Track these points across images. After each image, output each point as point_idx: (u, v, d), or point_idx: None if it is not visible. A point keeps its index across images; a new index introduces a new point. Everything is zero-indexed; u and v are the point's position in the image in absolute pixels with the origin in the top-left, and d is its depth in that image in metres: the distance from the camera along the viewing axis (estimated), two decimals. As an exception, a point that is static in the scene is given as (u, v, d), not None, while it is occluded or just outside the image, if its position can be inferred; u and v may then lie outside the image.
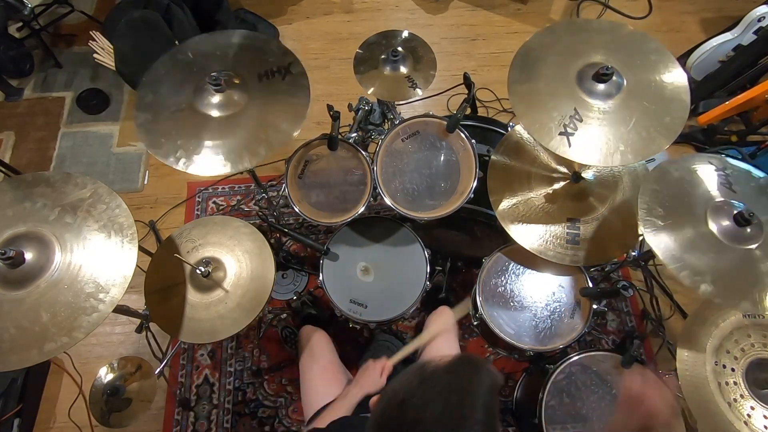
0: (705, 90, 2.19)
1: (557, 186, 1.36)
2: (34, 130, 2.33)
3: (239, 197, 2.15)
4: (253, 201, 2.12)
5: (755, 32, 2.01)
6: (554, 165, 1.39)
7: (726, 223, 1.07)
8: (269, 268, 1.29)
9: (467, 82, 1.53)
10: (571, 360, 1.30)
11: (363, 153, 1.43)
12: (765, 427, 1.12)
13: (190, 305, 1.26)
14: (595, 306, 1.34)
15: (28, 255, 1.00)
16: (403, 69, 1.47)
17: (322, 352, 1.35)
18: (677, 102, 1.12)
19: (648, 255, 1.35)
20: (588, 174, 1.36)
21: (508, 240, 1.34)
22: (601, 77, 1.11)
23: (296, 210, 1.39)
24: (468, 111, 1.65)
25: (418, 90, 1.45)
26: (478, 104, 2.29)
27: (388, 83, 1.46)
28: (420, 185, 1.43)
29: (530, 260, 1.41)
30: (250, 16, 2.50)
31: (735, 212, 1.06)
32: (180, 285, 1.28)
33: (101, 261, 1.02)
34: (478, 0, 2.70)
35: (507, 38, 2.58)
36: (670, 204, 1.10)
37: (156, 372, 1.50)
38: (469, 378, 0.73)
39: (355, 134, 1.65)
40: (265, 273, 1.29)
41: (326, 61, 2.51)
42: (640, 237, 1.28)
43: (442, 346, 1.34)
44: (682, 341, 1.22)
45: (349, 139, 1.47)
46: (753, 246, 1.06)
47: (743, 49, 2.05)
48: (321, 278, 1.45)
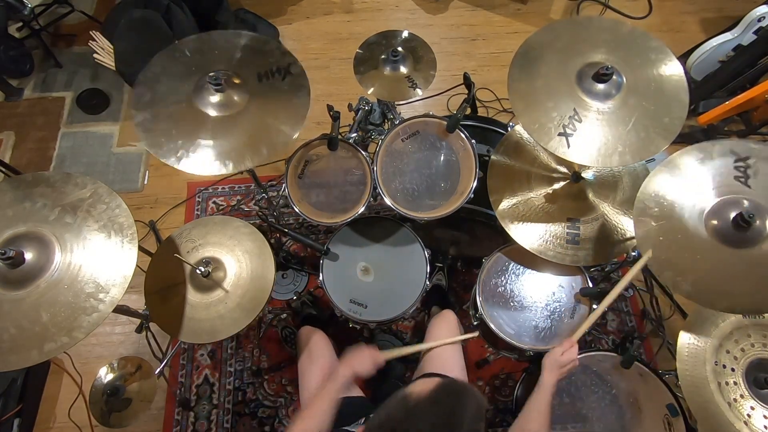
0: (705, 90, 2.19)
1: (557, 186, 1.36)
2: (34, 130, 2.33)
3: (239, 197, 2.15)
4: (253, 201, 2.12)
5: (755, 32, 2.01)
6: (554, 165, 1.39)
7: (725, 224, 1.04)
8: (269, 268, 1.29)
9: (467, 82, 1.53)
10: (571, 360, 1.30)
11: (363, 153, 1.43)
12: (765, 427, 1.12)
13: (190, 305, 1.26)
14: (595, 306, 1.34)
15: (28, 255, 1.00)
16: (403, 69, 1.47)
17: (321, 353, 1.35)
18: (676, 102, 1.11)
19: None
20: (588, 174, 1.36)
21: (508, 240, 1.34)
22: (601, 77, 1.11)
23: (296, 210, 1.39)
24: (468, 111, 1.65)
25: (418, 90, 1.45)
26: (478, 104, 2.29)
27: (388, 83, 1.47)
28: (420, 185, 1.43)
29: (530, 260, 1.41)
30: (250, 16, 2.50)
31: (734, 214, 1.02)
32: (180, 285, 1.28)
33: (101, 261, 1.02)
34: (478, 0, 2.70)
35: (507, 38, 2.58)
36: (668, 203, 1.08)
37: (156, 372, 1.50)
38: (453, 407, 0.75)
39: (355, 134, 1.65)
40: (265, 273, 1.29)
41: (326, 61, 2.51)
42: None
43: (445, 351, 1.33)
44: (682, 341, 1.22)
45: (349, 139, 1.47)
46: (750, 248, 1.03)
47: (743, 49, 2.05)
48: (321, 278, 1.45)
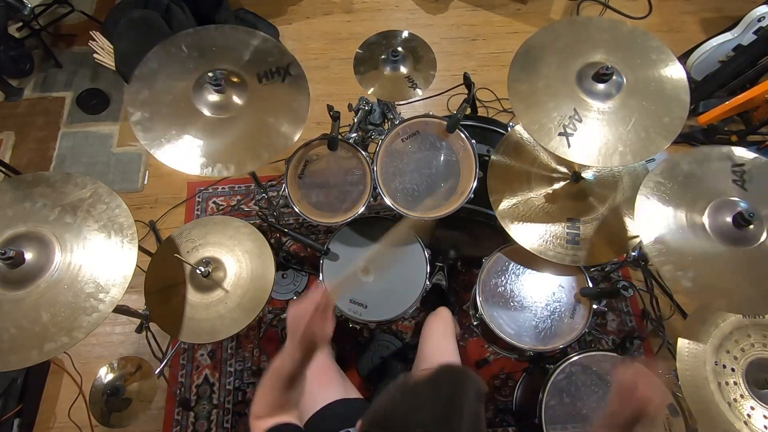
0: (705, 90, 2.19)
1: (557, 186, 1.36)
2: (34, 130, 2.33)
3: (239, 197, 2.15)
4: (253, 201, 2.12)
5: (755, 32, 2.01)
6: (554, 165, 1.39)
7: (724, 223, 1.05)
8: (269, 268, 1.29)
9: (467, 82, 1.53)
10: (571, 360, 1.30)
11: (363, 153, 1.43)
12: (765, 427, 1.12)
13: (190, 305, 1.26)
14: (595, 306, 1.34)
15: (28, 255, 1.01)
16: (403, 69, 1.47)
17: (320, 354, 1.34)
18: (677, 102, 1.11)
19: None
20: (588, 174, 1.36)
21: (508, 240, 1.34)
22: (602, 77, 1.11)
23: (296, 210, 1.39)
24: (468, 111, 1.65)
25: (418, 90, 1.45)
26: (478, 104, 2.28)
27: (388, 83, 1.46)
28: (420, 185, 1.43)
29: (530, 260, 1.41)
30: (250, 16, 2.50)
31: (735, 212, 1.04)
32: (180, 285, 1.28)
33: (101, 261, 1.03)
34: (478, 0, 2.70)
35: (507, 38, 2.58)
36: (670, 198, 1.08)
37: (156, 372, 1.50)
38: (454, 388, 0.74)
39: (355, 134, 1.65)
40: (265, 273, 1.29)
41: (326, 61, 2.51)
42: (638, 238, 1.28)
43: (440, 344, 1.34)
44: (682, 341, 1.22)
45: (349, 139, 1.47)
46: (749, 247, 1.04)
47: (743, 49, 2.05)
48: (321, 278, 1.45)
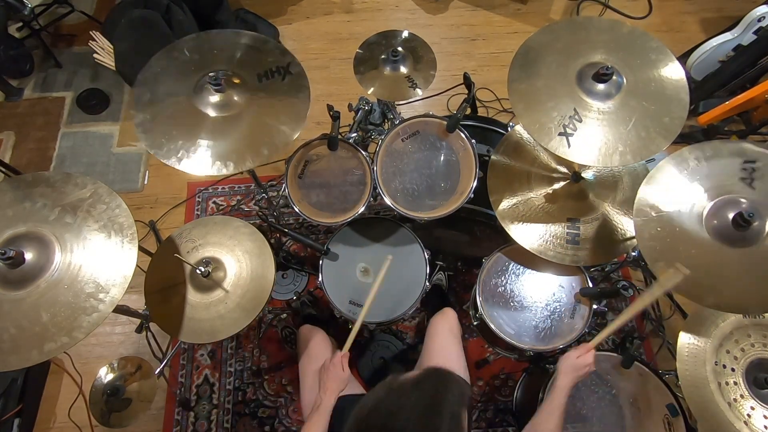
0: (705, 90, 2.19)
1: (557, 186, 1.36)
2: (34, 130, 2.33)
3: (239, 197, 2.15)
4: (253, 201, 2.12)
5: (755, 32, 2.01)
6: (554, 165, 1.39)
7: (724, 223, 1.03)
8: (269, 268, 1.29)
9: (467, 82, 1.53)
10: (571, 360, 1.30)
11: (363, 153, 1.43)
12: (765, 427, 1.12)
13: (190, 305, 1.26)
14: (595, 306, 1.34)
15: (28, 255, 1.00)
16: (403, 69, 1.47)
17: (321, 354, 1.35)
18: (676, 102, 1.11)
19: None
20: (588, 174, 1.36)
21: (508, 240, 1.34)
22: (601, 77, 1.11)
23: (296, 210, 1.39)
24: (468, 111, 1.65)
25: (418, 90, 1.45)
26: (478, 104, 2.29)
27: (388, 83, 1.46)
28: (420, 185, 1.43)
29: (530, 260, 1.41)
30: (250, 16, 2.50)
31: (735, 212, 1.02)
32: (180, 285, 1.28)
33: (101, 261, 1.02)
34: (478, 0, 2.70)
35: (507, 38, 2.58)
36: (670, 198, 1.07)
37: (156, 372, 1.50)
38: (436, 389, 0.77)
39: (355, 134, 1.65)
40: (265, 273, 1.29)
41: (326, 61, 2.51)
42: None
43: (445, 344, 1.34)
44: (682, 341, 1.22)
45: (349, 139, 1.47)
46: (748, 247, 1.02)
47: (743, 49, 2.05)
48: (320, 279, 1.44)
